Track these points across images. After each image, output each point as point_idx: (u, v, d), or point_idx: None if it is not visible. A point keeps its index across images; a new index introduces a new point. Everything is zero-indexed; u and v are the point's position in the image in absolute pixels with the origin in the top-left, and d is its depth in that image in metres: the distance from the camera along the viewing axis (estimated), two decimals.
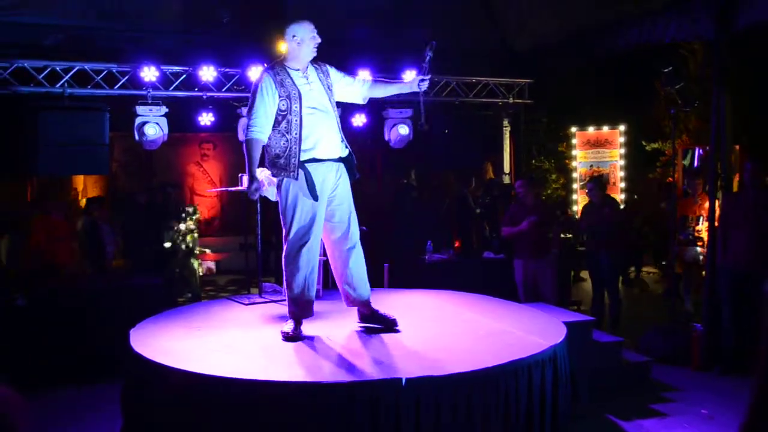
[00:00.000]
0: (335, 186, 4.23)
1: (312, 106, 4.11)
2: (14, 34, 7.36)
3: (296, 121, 4.06)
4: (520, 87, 9.25)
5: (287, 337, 4.11)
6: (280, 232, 4.28)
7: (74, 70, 7.27)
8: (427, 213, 9.83)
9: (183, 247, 9.01)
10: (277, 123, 4.09)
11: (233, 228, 11.63)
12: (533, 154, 12.66)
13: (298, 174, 4.07)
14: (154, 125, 7.46)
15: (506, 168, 10.07)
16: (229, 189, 7.39)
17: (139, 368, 3.75)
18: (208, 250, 9.87)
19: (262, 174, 6.13)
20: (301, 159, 4.08)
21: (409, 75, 8.38)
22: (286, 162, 4.09)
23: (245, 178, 6.07)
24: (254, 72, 7.72)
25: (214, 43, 8.17)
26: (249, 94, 7.80)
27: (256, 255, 6.47)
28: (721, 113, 6.37)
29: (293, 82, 4.11)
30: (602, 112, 12.20)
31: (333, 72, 4.36)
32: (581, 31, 8.36)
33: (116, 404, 4.22)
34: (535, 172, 12.21)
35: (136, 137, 7.55)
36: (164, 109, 7.56)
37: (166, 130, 7.58)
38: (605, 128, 12.02)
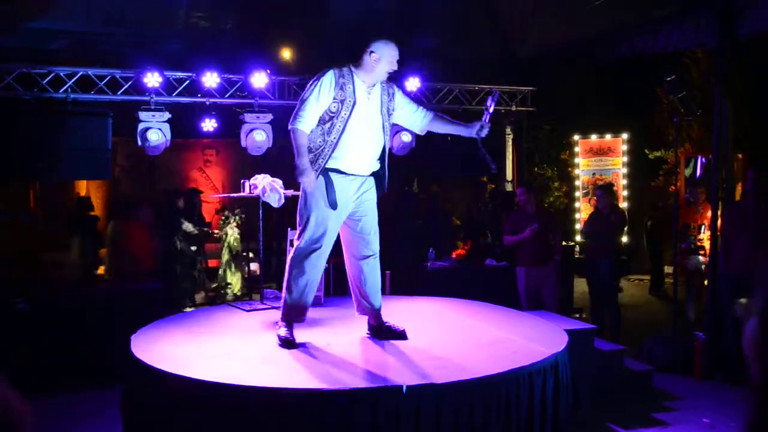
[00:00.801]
0: (359, 198, 4.20)
1: (361, 120, 4.06)
2: (18, 39, 7.39)
3: (340, 127, 4.01)
4: (523, 95, 9.26)
5: (283, 342, 4.10)
6: (283, 238, 4.29)
7: (77, 75, 7.29)
8: (429, 221, 9.83)
9: (226, 250, 9.11)
10: (322, 121, 4.04)
11: None
12: (535, 162, 12.67)
13: (318, 175, 4.04)
14: (156, 131, 7.48)
15: (509, 176, 10.07)
16: (232, 195, 7.40)
17: (140, 374, 3.74)
18: (251, 254, 9.89)
19: (265, 180, 6.15)
20: (328, 165, 4.05)
21: (413, 83, 8.40)
22: (314, 159, 4.04)
23: (248, 184, 6.12)
24: (257, 78, 7.74)
25: (218, 50, 8.19)
26: (251, 101, 7.93)
27: (258, 261, 6.46)
28: (723, 121, 6.37)
29: (354, 89, 4.04)
30: (605, 120, 12.20)
31: (399, 96, 4.30)
32: (585, 39, 8.38)
33: (116, 409, 4.21)
34: (537, 180, 12.20)
35: (139, 143, 7.57)
36: (167, 115, 7.57)
37: (168, 136, 7.59)
38: (608, 136, 12.02)
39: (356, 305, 4.46)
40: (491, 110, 4.35)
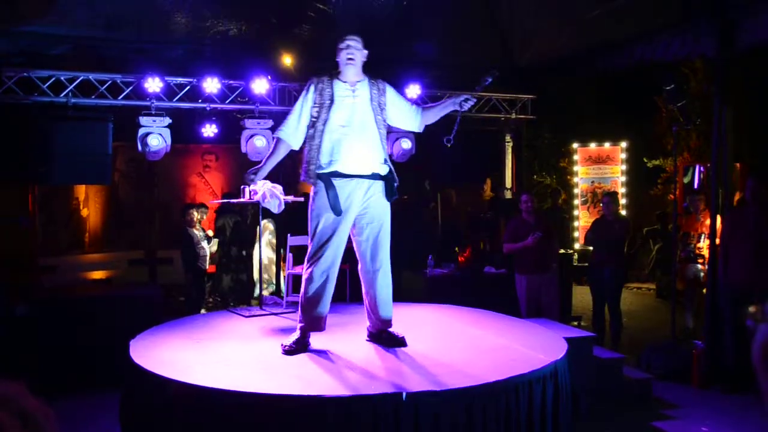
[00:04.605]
0: (364, 203, 4.20)
1: (345, 119, 4.12)
2: (20, 44, 7.39)
3: (321, 128, 4.12)
4: (523, 102, 9.27)
5: (286, 350, 4.09)
6: (283, 243, 4.30)
7: (79, 80, 7.29)
8: (430, 227, 9.84)
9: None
10: (310, 128, 4.18)
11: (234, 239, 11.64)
12: (535, 170, 12.69)
13: (317, 183, 4.12)
14: (157, 136, 7.47)
15: (508, 183, 10.08)
16: (231, 201, 7.39)
17: (139, 379, 3.74)
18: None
19: (264, 186, 6.15)
20: (326, 170, 4.10)
21: (413, 90, 8.41)
22: (308, 167, 4.15)
23: (248, 190, 6.13)
24: (258, 84, 7.76)
25: (219, 55, 8.19)
26: (252, 106, 7.95)
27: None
28: (722, 131, 6.39)
29: (333, 92, 4.15)
30: (604, 128, 12.24)
31: (390, 93, 4.36)
32: (585, 48, 8.41)
33: (115, 415, 4.21)
34: (536, 188, 12.22)
35: (139, 148, 7.56)
36: (168, 120, 7.56)
37: (169, 141, 7.59)
38: (607, 144, 12.05)
39: (367, 315, 4.44)
40: (483, 86, 4.41)
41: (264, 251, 8.57)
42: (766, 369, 1.21)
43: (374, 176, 4.22)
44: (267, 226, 9.04)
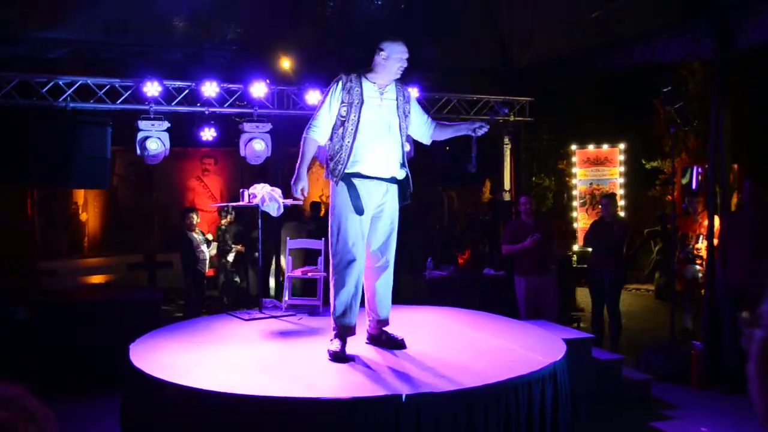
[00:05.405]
0: (381, 204, 4.22)
1: (372, 121, 4.10)
2: (20, 48, 7.41)
3: (352, 129, 4.07)
4: (521, 105, 9.29)
5: (333, 356, 4.03)
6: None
7: (77, 84, 7.30)
8: (430, 229, 9.85)
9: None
10: (336, 127, 4.12)
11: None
12: (533, 172, 12.71)
13: (338, 182, 4.09)
14: (156, 140, 7.48)
15: (506, 185, 10.09)
16: (230, 204, 7.40)
17: (139, 383, 3.74)
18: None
19: (264, 190, 6.16)
20: (348, 170, 4.08)
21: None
22: (334, 166, 4.11)
23: (247, 193, 6.14)
24: (256, 88, 7.77)
25: (219, 59, 8.21)
26: (250, 110, 7.97)
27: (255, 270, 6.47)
28: (719, 132, 6.40)
29: (362, 92, 4.11)
30: (602, 130, 12.26)
31: (414, 103, 4.39)
32: (583, 50, 8.42)
33: (115, 417, 4.21)
34: (535, 190, 12.24)
35: (138, 152, 7.56)
36: (166, 124, 7.56)
37: (168, 145, 7.59)
38: (605, 146, 12.07)
39: (366, 315, 4.44)
40: (495, 117, 4.45)
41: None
42: (762, 375, 1.20)
43: (391, 180, 4.24)
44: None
